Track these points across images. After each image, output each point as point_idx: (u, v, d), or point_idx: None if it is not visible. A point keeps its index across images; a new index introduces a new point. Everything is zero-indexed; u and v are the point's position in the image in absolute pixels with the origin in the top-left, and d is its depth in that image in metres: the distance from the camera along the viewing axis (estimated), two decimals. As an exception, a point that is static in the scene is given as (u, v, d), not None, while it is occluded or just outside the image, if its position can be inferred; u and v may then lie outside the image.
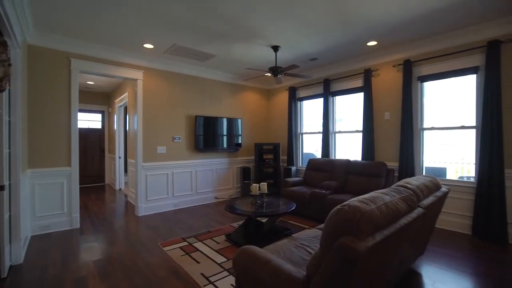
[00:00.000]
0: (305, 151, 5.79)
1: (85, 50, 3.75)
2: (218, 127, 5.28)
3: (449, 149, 3.88)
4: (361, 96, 4.48)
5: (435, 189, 2.16)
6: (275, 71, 3.82)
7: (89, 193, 6.14)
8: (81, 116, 7.04)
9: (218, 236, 3.34)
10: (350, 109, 4.90)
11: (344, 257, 1.07)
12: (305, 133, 5.71)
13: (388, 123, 4.16)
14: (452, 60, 3.51)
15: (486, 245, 3.02)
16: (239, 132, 5.62)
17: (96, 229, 3.63)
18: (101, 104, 7.32)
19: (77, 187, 3.73)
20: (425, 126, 3.87)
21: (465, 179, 3.66)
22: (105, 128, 7.42)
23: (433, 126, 3.81)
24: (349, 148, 4.92)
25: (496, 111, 3.08)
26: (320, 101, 5.24)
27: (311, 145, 5.76)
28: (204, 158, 5.19)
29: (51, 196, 3.53)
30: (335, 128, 5.02)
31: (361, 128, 4.45)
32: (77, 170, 3.71)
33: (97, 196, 5.79)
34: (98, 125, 7.40)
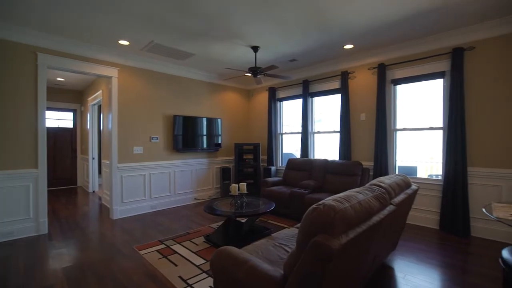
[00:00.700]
0: (284, 151, 5.86)
1: (54, 45, 3.53)
2: (198, 127, 5.20)
3: (420, 149, 4.10)
4: (338, 97, 4.61)
5: (405, 187, 2.27)
6: (255, 71, 3.83)
7: (59, 196, 5.80)
8: (50, 114, 6.63)
9: (197, 237, 3.29)
10: (328, 110, 5.03)
11: (318, 254, 1.10)
12: (285, 133, 5.78)
13: (364, 124, 4.32)
14: (422, 64, 3.71)
15: (451, 238, 3.23)
16: (219, 132, 5.58)
17: (66, 235, 3.43)
18: (73, 102, 6.94)
19: (45, 190, 3.50)
20: (397, 127, 4.06)
21: (434, 177, 3.88)
22: (77, 127, 7.05)
23: (405, 127, 4.01)
24: (327, 148, 5.04)
25: (460, 113, 3.30)
26: (299, 102, 5.33)
27: (290, 145, 5.84)
28: (183, 158, 5.09)
29: (15, 201, 3.28)
30: (314, 128, 5.13)
31: (338, 128, 4.58)
32: (45, 172, 3.49)
33: (68, 200, 5.48)
34: (70, 124, 7.01)
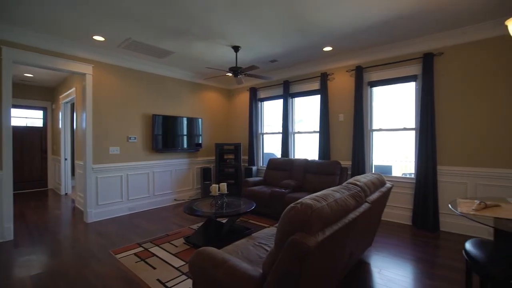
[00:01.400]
0: (266, 151, 5.89)
1: (21, 38, 3.31)
2: (178, 126, 5.10)
3: (394, 148, 4.29)
4: (318, 98, 4.71)
5: (380, 185, 2.37)
6: (236, 71, 3.82)
7: (27, 199, 5.45)
8: (17, 112, 6.21)
9: (177, 239, 3.23)
10: (309, 110, 5.12)
11: (296, 252, 1.12)
12: (266, 133, 5.82)
13: (342, 124, 4.44)
14: (396, 68, 3.88)
15: (423, 233, 3.41)
16: (200, 132, 5.51)
17: (35, 240, 3.24)
18: (43, 100, 6.55)
19: (11, 193, 3.28)
20: (374, 127, 4.22)
21: (407, 175, 4.08)
22: (48, 126, 6.66)
23: (380, 127, 4.17)
24: (307, 148, 5.14)
25: (431, 115, 3.49)
26: (280, 102, 5.38)
27: (271, 145, 5.89)
28: (163, 158, 4.98)
29: (-23, 205, 3.05)
30: (295, 128, 5.21)
31: (318, 129, 4.68)
32: (10, 174, 3.27)
33: (38, 203, 5.17)
34: (39, 123, 6.61)
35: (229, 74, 3.99)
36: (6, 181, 3.23)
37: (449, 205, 1.80)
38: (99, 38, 3.52)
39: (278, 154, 5.39)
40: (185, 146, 5.23)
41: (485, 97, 3.24)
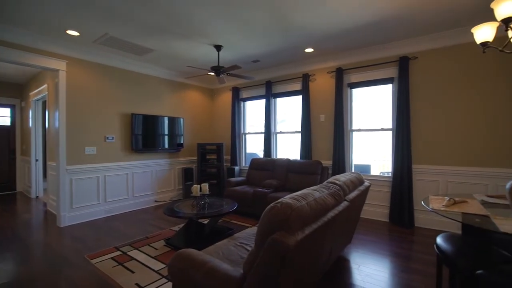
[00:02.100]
0: (248, 151, 5.89)
1: (-14, 31, 3.10)
2: (158, 126, 4.97)
3: (373, 148, 4.44)
4: (300, 98, 4.77)
5: (359, 184, 2.43)
6: (218, 70, 3.78)
7: (-7, 203, 5.10)
8: (-17, 110, 5.80)
9: (157, 241, 3.15)
10: (292, 110, 5.18)
11: (275, 251, 1.12)
12: (249, 133, 5.82)
13: (323, 124, 4.53)
14: (375, 70, 4.01)
15: (399, 229, 3.55)
16: (181, 132, 5.41)
17: (2, 247, 3.03)
18: (11, 97, 6.15)
19: (-26, 197, 3.05)
20: (353, 127, 4.34)
21: (385, 174, 4.23)
22: (17, 125, 6.26)
23: (360, 128, 4.30)
24: (290, 147, 5.19)
25: (406, 116, 3.64)
26: (262, 102, 5.40)
27: (254, 145, 5.90)
28: (143, 159, 4.83)
29: None
30: (277, 128, 5.24)
31: (300, 129, 4.74)
32: (-27, 177, 3.03)
33: (5, 207, 4.84)
34: (7, 122, 6.20)
35: (211, 74, 3.95)
36: (-32, 184, 2.99)
37: (422, 202, 1.89)
38: (73, 32, 3.36)
39: (261, 154, 5.40)
40: (166, 146, 5.11)
41: (454, 99, 3.42)
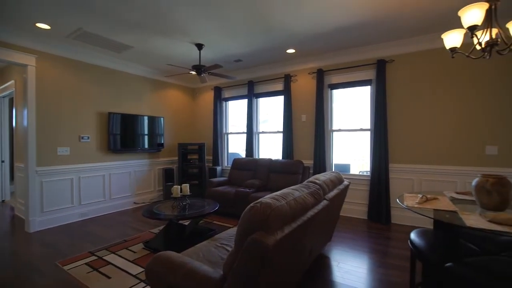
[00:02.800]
0: (231, 151, 5.86)
1: None
2: (138, 125, 4.82)
3: (353, 148, 4.56)
4: (282, 99, 4.81)
5: (338, 183, 2.49)
6: (199, 69, 3.73)
7: (-47, 208, 4.71)
8: None
9: (135, 244, 3.05)
10: (274, 110, 5.21)
11: (255, 252, 1.11)
12: (231, 133, 5.78)
13: (305, 124, 4.60)
14: (354, 72, 4.13)
15: (377, 226, 3.68)
16: (161, 132, 5.28)
17: (-38, 255, 2.80)
18: (-25, 94, 5.70)
19: None
20: (334, 128, 4.44)
21: (365, 173, 4.36)
22: (-19, 124, 5.82)
23: (340, 128, 4.40)
24: (272, 147, 5.22)
25: (383, 117, 3.78)
26: (245, 102, 5.38)
27: (236, 145, 5.87)
28: (121, 159, 4.66)
29: None
30: (259, 128, 5.25)
31: (282, 129, 4.78)
32: None
33: (-33, 212, 4.49)
34: (-30, 120, 5.74)
35: (193, 72, 3.88)
36: None
37: (397, 200, 1.96)
38: (43, 26, 3.17)
39: (243, 154, 5.39)
40: (145, 146, 4.97)
41: (428, 101, 3.60)
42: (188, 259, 1.48)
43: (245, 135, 5.26)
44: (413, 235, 1.82)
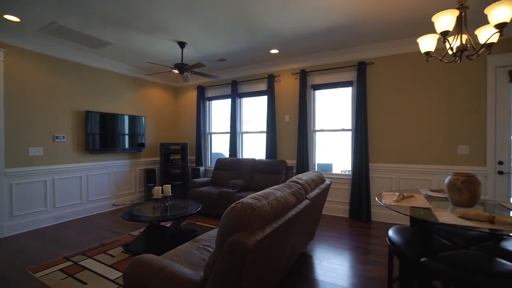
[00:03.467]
0: (214, 151, 5.80)
1: None
2: (117, 125, 4.66)
3: (335, 147, 4.65)
4: (265, 99, 4.82)
5: (320, 182, 2.53)
6: (181, 68, 3.66)
7: None
8: None
9: (114, 248, 2.94)
10: (258, 110, 5.21)
11: (235, 252, 1.10)
12: (214, 133, 5.73)
13: (288, 125, 4.64)
14: (336, 73, 4.21)
15: (358, 224, 3.77)
16: (143, 131, 5.13)
17: None
18: None
19: None
20: (317, 128, 4.50)
21: (346, 172, 4.46)
22: None
23: (322, 128, 4.48)
24: (256, 147, 5.22)
25: (364, 117, 3.88)
26: (228, 102, 5.35)
27: (220, 145, 5.83)
28: (99, 160, 4.49)
29: None
30: (243, 128, 5.24)
31: (265, 129, 4.79)
32: None
33: None
34: None
35: (175, 71, 3.81)
36: None
37: (376, 198, 2.02)
38: (12, 18, 2.98)
39: (227, 154, 5.36)
40: (126, 146, 4.81)
41: (404, 103, 3.74)
42: (168, 262, 1.44)
43: (228, 135, 5.23)
44: (390, 232, 1.88)
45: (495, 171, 3.21)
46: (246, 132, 5.22)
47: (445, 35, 1.78)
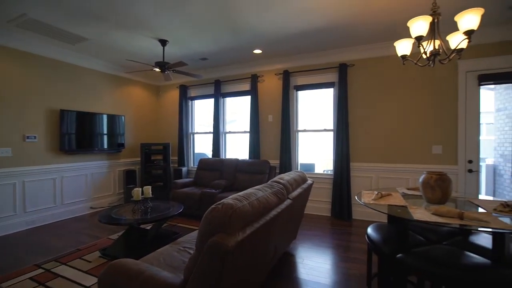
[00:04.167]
0: (197, 151, 5.72)
1: None
2: (95, 124, 4.48)
3: (317, 147, 4.73)
4: (249, 99, 4.82)
5: (302, 182, 2.56)
6: (163, 66, 3.58)
7: None
8: None
9: (91, 253, 2.82)
10: (242, 110, 5.19)
11: (215, 254, 1.09)
12: (197, 133, 5.65)
13: (271, 125, 4.66)
14: (318, 75, 4.28)
15: (339, 222, 3.85)
16: (122, 131, 4.96)
17: None
18: None
19: None
20: (299, 128, 4.56)
21: (329, 172, 4.55)
22: None
23: (305, 128, 4.54)
24: (239, 147, 5.20)
25: (345, 118, 3.97)
26: (211, 102, 5.29)
27: (203, 145, 5.76)
28: (75, 161, 4.29)
29: None
30: (226, 128, 5.21)
31: (249, 129, 4.78)
32: None
33: None
34: None
35: (156, 69, 3.71)
36: None
37: (356, 197, 2.07)
38: (-22, 10, 2.79)
39: (210, 154, 5.30)
40: (104, 146, 4.63)
41: (382, 104, 3.87)
42: (146, 266, 1.40)
43: (211, 135, 5.17)
44: (369, 230, 1.94)
45: (465, 170, 3.40)
46: (230, 132, 5.18)
47: (419, 39, 1.86)
